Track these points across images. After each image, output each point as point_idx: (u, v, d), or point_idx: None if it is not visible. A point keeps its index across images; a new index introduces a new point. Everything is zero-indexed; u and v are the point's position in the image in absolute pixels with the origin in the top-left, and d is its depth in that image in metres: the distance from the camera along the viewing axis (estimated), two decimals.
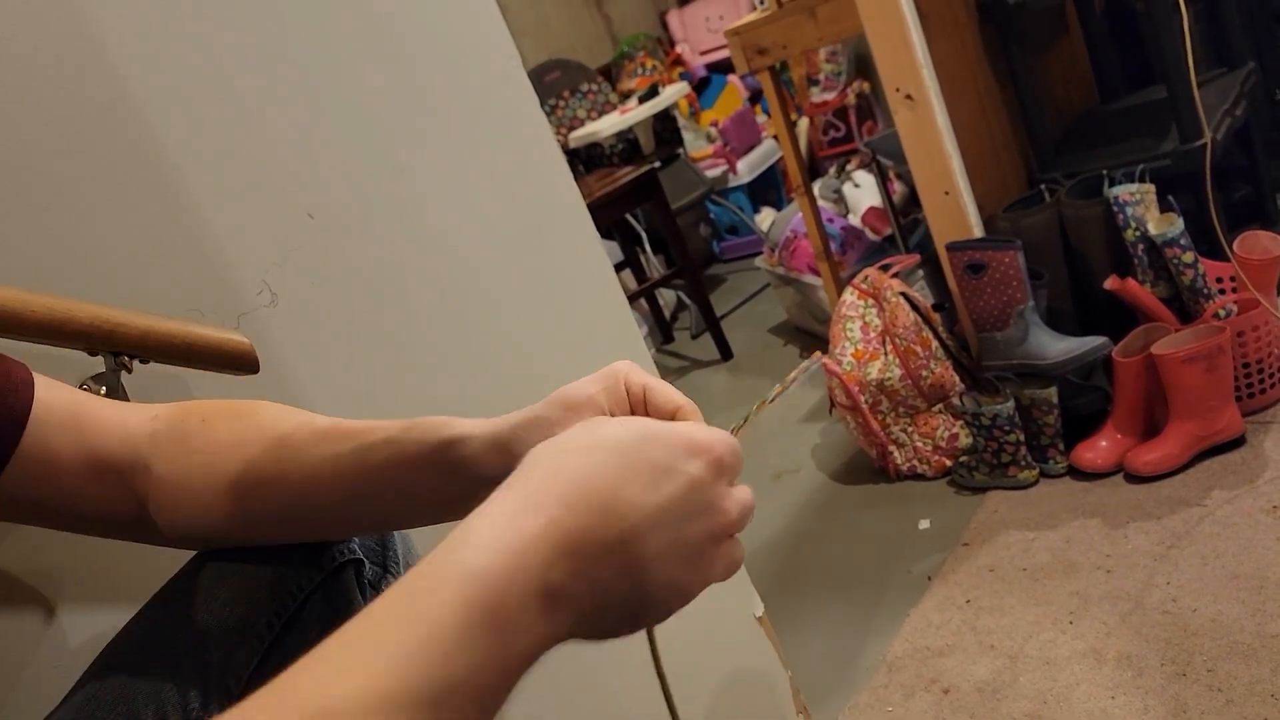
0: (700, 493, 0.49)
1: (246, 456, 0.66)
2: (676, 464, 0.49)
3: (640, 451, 0.48)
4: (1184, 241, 1.75)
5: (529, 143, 1.23)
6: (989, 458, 1.90)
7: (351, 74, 1.06)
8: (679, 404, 0.58)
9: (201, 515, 0.67)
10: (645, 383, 0.59)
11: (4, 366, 0.65)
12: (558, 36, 4.39)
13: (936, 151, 1.95)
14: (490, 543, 0.43)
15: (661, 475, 0.48)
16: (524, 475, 0.47)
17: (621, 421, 0.51)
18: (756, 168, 4.00)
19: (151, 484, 0.68)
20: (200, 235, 0.93)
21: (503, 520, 0.44)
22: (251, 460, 0.66)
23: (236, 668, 0.65)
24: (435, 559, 0.43)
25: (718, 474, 0.50)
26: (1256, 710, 1.24)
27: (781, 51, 2.31)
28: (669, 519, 0.48)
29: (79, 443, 0.66)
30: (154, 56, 0.91)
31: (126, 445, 0.67)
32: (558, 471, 0.47)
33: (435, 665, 0.39)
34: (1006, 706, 1.40)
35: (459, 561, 0.42)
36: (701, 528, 0.49)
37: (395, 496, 0.64)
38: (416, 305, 1.09)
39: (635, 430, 0.49)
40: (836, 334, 2.14)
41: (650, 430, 0.50)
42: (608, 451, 0.48)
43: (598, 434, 0.49)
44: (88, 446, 0.66)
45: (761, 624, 1.40)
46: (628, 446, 0.48)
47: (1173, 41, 1.85)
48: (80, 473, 0.66)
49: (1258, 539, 1.52)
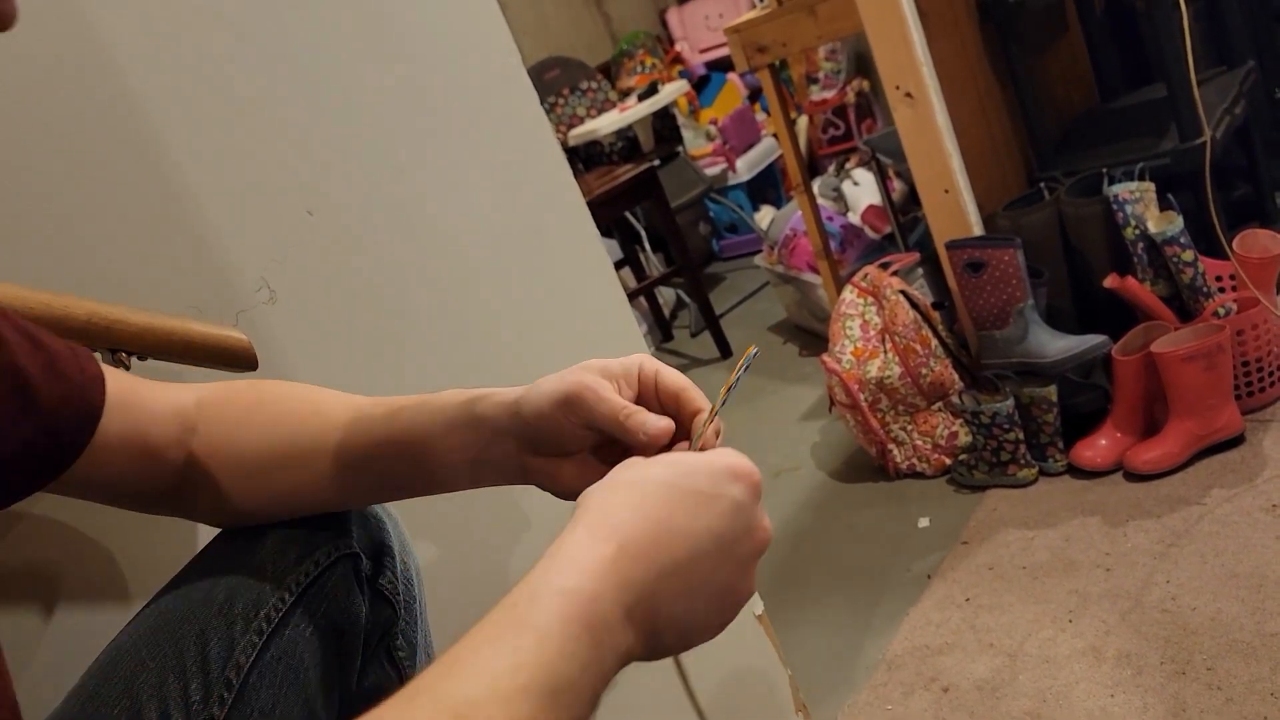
0: (744, 514, 0.53)
1: (283, 428, 0.70)
2: (721, 489, 0.53)
3: (685, 483, 0.52)
4: (1184, 240, 1.75)
5: (529, 140, 1.23)
6: (988, 456, 1.90)
7: (351, 72, 1.05)
8: (683, 385, 0.63)
9: (240, 482, 0.71)
10: (657, 369, 0.64)
11: (77, 361, 0.67)
12: (557, 34, 4.39)
13: (936, 150, 1.95)
14: (573, 566, 0.47)
15: (708, 501, 0.52)
16: (584, 511, 0.51)
17: (659, 460, 0.54)
18: (756, 166, 4.00)
19: (193, 452, 0.71)
20: (199, 232, 0.93)
21: (578, 549, 0.48)
22: (288, 431, 0.70)
23: (238, 659, 0.67)
24: (528, 582, 0.47)
25: (757, 496, 0.55)
26: (1256, 708, 1.24)
27: (781, 49, 2.30)
28: (720, 541, 0.52)
29: (132, 427, 0.68)
30: (153, 54, 0.91)
31: (173, 423, 0.71)
32: (613, 506, 0.51)
33: (549, 664, 0.44)
34: (1006, 705, 1.40)
35: (550, 582, 0.47)
36: (747, 547, 0.54)
37: (423, 455, 0.67)
38: (416, 303, 1.09)
39: (676, 465, 0.53)
40: (836, 332, 2.14)
41: (689, 462, 0.54)
42: (655, 484, 0.52)
43: (642, 472, 0.53)
44: (139, 430, 0.69)
45: (761, 622, 1.40)
46: (673, 480, 0.52)
47: (1172, 40, 1.85)
48: (129, 454, 0.68)
49: (1257, 537, 1.52)
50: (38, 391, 0.63)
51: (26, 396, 0.62)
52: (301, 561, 0.71)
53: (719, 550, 0.52)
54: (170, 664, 0.66)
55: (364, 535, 0.74)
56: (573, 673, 0.44)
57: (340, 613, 0.72)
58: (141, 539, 0.88)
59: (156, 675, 0.65)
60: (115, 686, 0.65)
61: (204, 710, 0.65)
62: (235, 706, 0.66)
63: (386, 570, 0.76)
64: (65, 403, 0.64)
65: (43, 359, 0.64)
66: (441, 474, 0.68)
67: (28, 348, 0.63)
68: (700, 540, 0.51)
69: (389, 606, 0.76)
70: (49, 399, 0.63)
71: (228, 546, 0.73)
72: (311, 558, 0.71)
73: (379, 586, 0.75)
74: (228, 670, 0.66)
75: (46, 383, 0.63)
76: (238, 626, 0.67)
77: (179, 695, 0.65)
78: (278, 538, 0.71)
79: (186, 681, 0.65)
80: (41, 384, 0.63)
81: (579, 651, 0.45)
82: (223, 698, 0.65)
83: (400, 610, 0.77)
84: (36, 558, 0.84)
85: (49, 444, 0.64)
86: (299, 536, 0.71)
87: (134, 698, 0.64)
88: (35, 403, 0.62)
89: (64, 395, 0.64)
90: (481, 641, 0.44)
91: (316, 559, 0.71)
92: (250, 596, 0.68)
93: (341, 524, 0.73)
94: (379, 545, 0.76)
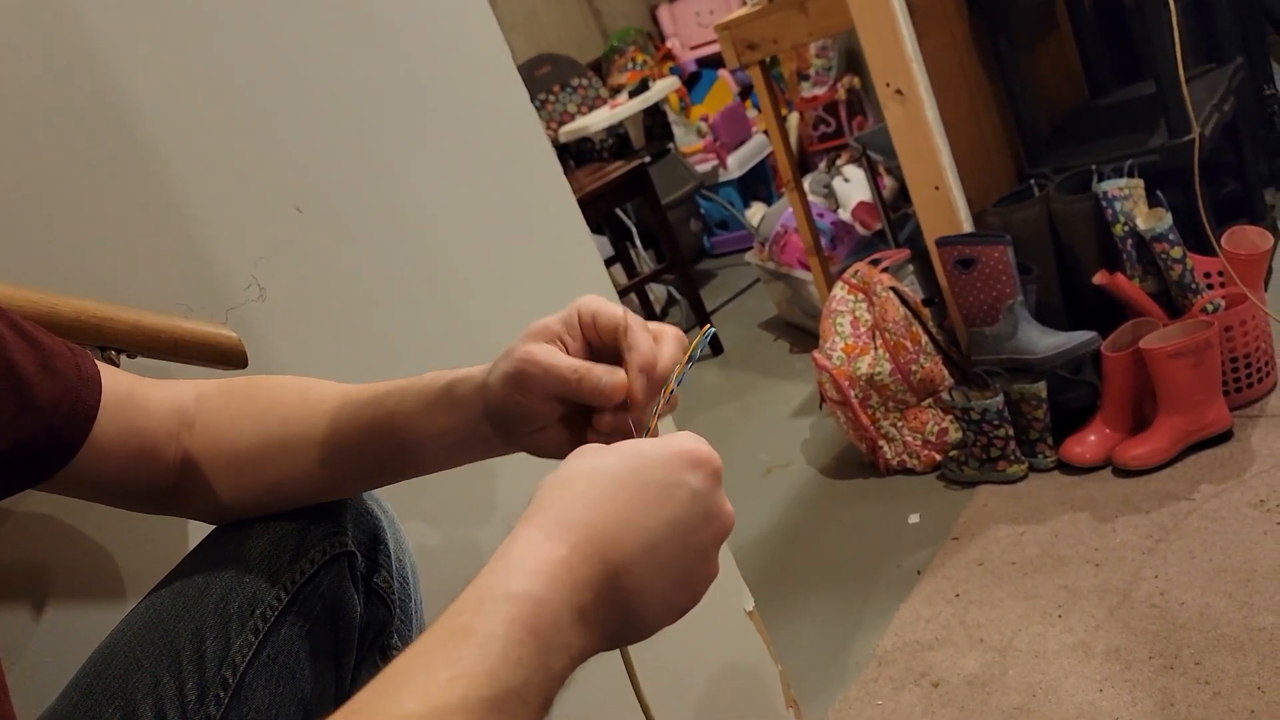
0: (701, 502, 0.52)
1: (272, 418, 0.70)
2: (677, 479, 0.52)
3: (640, 476, 0.51)
4: (1172, 236, 1.76)
5: (519, 137, 1.23)
6: (978, 452, 1.91)
7: (341, 68, 1.05)
8: (617, 323, 0.61)
9: (233, 476, 0.71)
10: (594, 311, 0.62)
11: (74, 359, 0.66)
12: (548, 31, 4.38)
13: (926, 146, 1.95)
14: (522, 569, 0.47)
15: (665, 493, 0.51)
16: (537, 509, 0.50)
17: (614, 450, 0.53)
18: (747, 163, 4.00)
19: (188, 448, 0.71)
20: (188, 230, 0.92)
21: (528, 550, 0.48)
22: (277, 421, 0.70)
23: (233, 657, 0.67)
24: (476, 586, 0.47)
25: (716, 481, 0.54)
26: (1243, 702, 1.25)
27: (772, 46, 2.31)
28: (676, 532, 0.51)
29: (129, 427, 0.68)
30: (142, 50, 0.90)
31: (171, 420, 0.71)
32: (566, 503, 0.50)
33: (492, 673, 0.43)
34: (996, 699, 1.41)
35: (496, 587, 0.46)
36: (706, 534, 0.53)
37: (409, 438, 0.66)
38: (405, 299, 1.09)
39: (630, 456, 0.52)
40: (826, 329, 2.15)
41: (644, 453, 0.52)
42: (609, 479, 0.51)
43: (598, 463, 0.52)
44: (136, 429, 0.69)
45: (752, 619, 1.40)
46: (628, 473, 0.51)
47: (1161, 37, 1.86)
48: (125, 453, 0.68)
49: (1245, 532, 1.52)
50: (33, 390, 0.62)
51: (22, 395, 0.62)
52: (297, 560, 0.70)
53: (677, 541, 0.51)
54: (165, 662, 0.65)
55: (359, 533, 0.74)
56: (516, 680, 0.43)
57: (335, 611, 0.71)
58: (135, 535, 0.87)
59: (151, 673, 0.65)
60: (110, 684, 0.65)
61: (200, 709, 0.64)
62: (231, 706, 0.66)
63: (381, 568, 0.76)
64: (61, 402, 0.64)
65: (38, 358, 0.63)
66: (428, 456, 0.67)
67: (23, 346, 0.63)
68: (656, 533, 0.50)
69: (384, 605, 0.76)
70: (45, 398, 0.63)
71: (222, 544, 0.72)
72: (307, 556, 0.71)
73: (374, 585, 0.75)
74: (224, 669, 0.66)
75: (42, 381, 0.63)
76: (233, 625, 0.67)
77: (174, 694, 0.64)
78: (272, 535, 0.71)
79: (182, 680, 0.65)
80: (37, 383, 0.62)
81: (525, 657, 0.44)
82: (219, 697, 0.65)
83: (395, 608, 0.77)
84: (29, 553, 0.84)
85: (44, 443, 0.63)
86: (293, 534, 0.71)
87: (128, 696, 0.64)
88: (31, 401, 0.62)
89: (60, 395, 0.64)
90: (422, 652, 0.44)
91: (312, 557, 0.71)
92: (246, 595, 0.68)
93: (336, 521, 0.73)
94: (374, 543, 0.75)
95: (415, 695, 0.41)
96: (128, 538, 0.88)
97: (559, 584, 0.47)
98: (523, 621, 0.45)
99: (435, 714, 0.41)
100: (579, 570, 0.47)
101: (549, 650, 0.45)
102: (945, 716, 1.42)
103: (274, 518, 0.72)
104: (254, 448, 0.70)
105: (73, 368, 0.65)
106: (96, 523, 0.86)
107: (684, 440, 0.54)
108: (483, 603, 0.45)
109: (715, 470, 0.53)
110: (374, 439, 0.67)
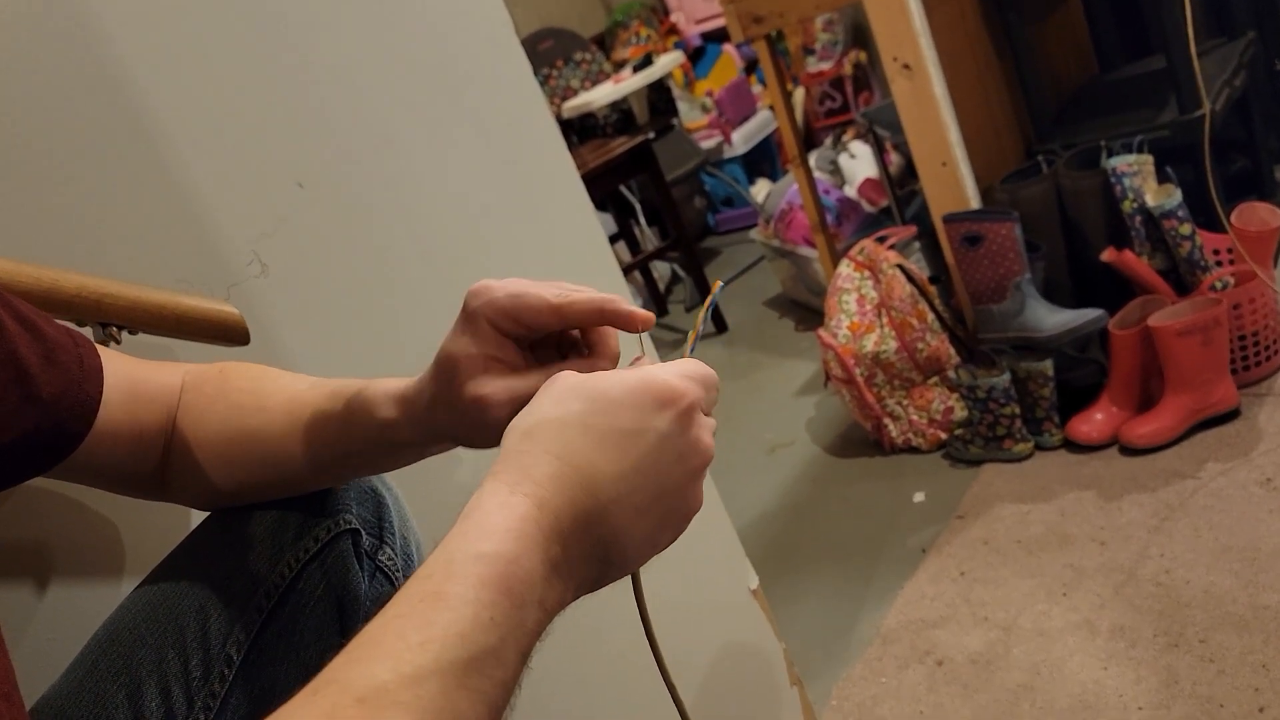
0: (671, 443, 0.51)
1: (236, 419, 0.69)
2: (645, 423, 0.50)
3: (607, 422, 0.50)
4: (1182, 213, 1.75)
5: (522, 112, 1.22)
6: (984, 430, 1.90)
7: (342, 42, 1.04)
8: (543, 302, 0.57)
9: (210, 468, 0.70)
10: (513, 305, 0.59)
11: (77, 351, 0.66)
12: (551, 4, 4.34)
13: (934, 122, 1.93)
14: (491, 528, 0.46)
15: (632, 438, 0.50)
16: (503, 464, 0.49)
17: (580, 394, 0.51)
18: (752, 139, 3.97)
19: (171, 435, 0.70)
20: (190, 206, 0.92)
21: (496, 508, 0.47)
22: (239, 422, 0.69)
23: (238, 635, 0.67)
24: (445, 548, 0.46)
25: (689, 418, 0.52)
26: (1248, 680, 1.25)
27: (778, 20, 2.28)
28: (647, 478, 0.50)
29: (128, 416, 0.68)
30: (142, 24, 0.89)
31: (162, 405, 0.70)
32: (532, 457, 0.49)
33: (464, 635, 0.42)
34: (1000, 677, 1.41)
35: (466, 548, 0.45)
36: (679, 473, 0.51)
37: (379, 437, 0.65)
38: (407, 276, 1.08)
39: (599, 400, 0.51)
40: (832, 306, 2.14)
41: (612, 396, 0.51)
42: (576, 427, 0.50)
43: (564, 409, 0.51)
44: (134, 418, 0.68)
45: (756, 596, 1.40)
46: (595, 419, 0.50)
47: (1172, 10, 1.84)
48: (124, 441, 0.68)
49: (1251, 511, 1.52)
50: (37, 382, 0.62)
51: (26, 387, 0.61)
52: (301, 537, 0.70)
53: (651, 484, 0.50)
54: (170, 640, 0.65)
55: (363, 510, 0.74)
56: (490, 640, 0.43)
57: (340, 589, 0.71)
58: (138, 513, 0.87)
59: (156, 651, 0.65)
60: (114, 662, 0.65)
61: (205, 686, 0.65)
62: (236, 683, 0.66)
63: (386, 545, 0.76)
64: (64, 395, 0.63)
65: (42, 349, 0.63)
66: (405, 455, 0.67)
67: (27, 338, 0.62)
68: (626, 479, 0.49)
69: (389, 582, 0.76)
70: (48, 390, 0.62)
71: (225, 522, 0.72)
72: (311, 534, 0.70)
73: (379, 562, 0.75)
74: (228, 647, 0.66)
75: (45, 373, 0.62)
76: (238, 603, 0.67)
77: (179, 671, 0.65)
78: (275, 513, 0.71)
79: (187, 658, 0.65)
80: (40, 375, 0.62)
81: (497, 618, 0.43)
82: (224, 674, 0.65)
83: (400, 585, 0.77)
84: (32, 531, 0.84)
85: (47, 435, 0.63)
86: (297, 512, 0.71)
87: (133, 673, 0.64)
88: (35, 393, 0.61)
89: (63, 387, 0.63)
90: (394, 618, 0.43)
91: (316, 535, 0.71)
92: (250, 573, 0.68)
93: (340, 499, 0.73)
94: (379, 520, 0.75)
95: (387, 662, 0.41)
96: (131, 516, 0.88)
97: (528, 540, 0.46)
98: (494, 582, 0.44)
99: (405, 682, 0.40)
100: (547, 525, 0.47)
101: (522, 607, 0.45)
102: (949, 694, 1.42)
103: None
104: (222, 444, 0.70)
105: (75, 359, 0.65)
106: (100, 499, 0.86)
107: (654, 377, 0.51)
108: (453, 564, 0.45)
109: (686, 407, 0.51)
110: (340, 440, 0.66)
